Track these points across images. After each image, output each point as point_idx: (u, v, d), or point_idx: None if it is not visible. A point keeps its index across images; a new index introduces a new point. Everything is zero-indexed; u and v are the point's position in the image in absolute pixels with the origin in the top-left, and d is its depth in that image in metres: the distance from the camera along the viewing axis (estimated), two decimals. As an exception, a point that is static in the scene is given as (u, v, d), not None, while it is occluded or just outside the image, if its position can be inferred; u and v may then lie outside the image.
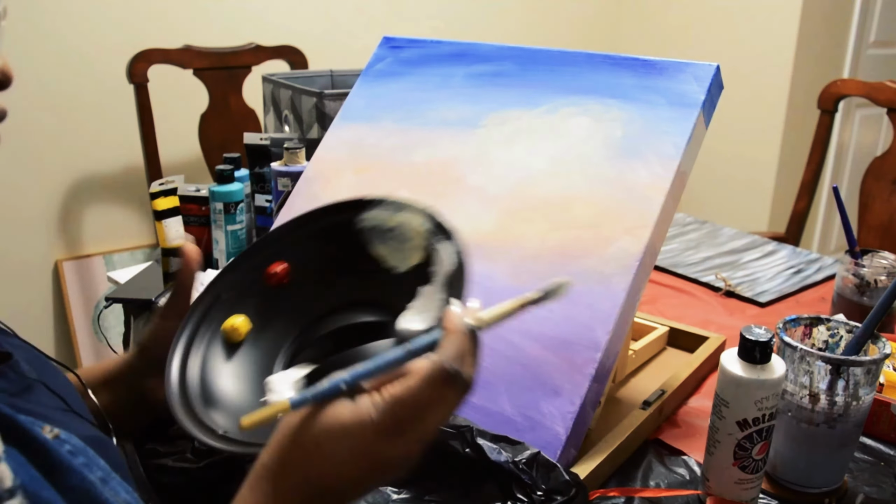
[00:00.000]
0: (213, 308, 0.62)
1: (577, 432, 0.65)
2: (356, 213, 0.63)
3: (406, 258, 0.60)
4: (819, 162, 1.72)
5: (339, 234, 0.63)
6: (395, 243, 0.61)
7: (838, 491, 0.67)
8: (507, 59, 0.89)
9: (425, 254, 0.59)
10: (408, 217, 0.61)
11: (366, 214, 0.62)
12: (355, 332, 0.61)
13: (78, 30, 1.90)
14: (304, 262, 0.63)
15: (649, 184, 0.73)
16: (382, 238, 0.62)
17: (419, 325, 0.53)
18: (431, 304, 0.55)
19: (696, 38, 2.81)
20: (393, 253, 0.61)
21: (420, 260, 0.59)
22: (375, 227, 0.62)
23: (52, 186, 1.97)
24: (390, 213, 0.62)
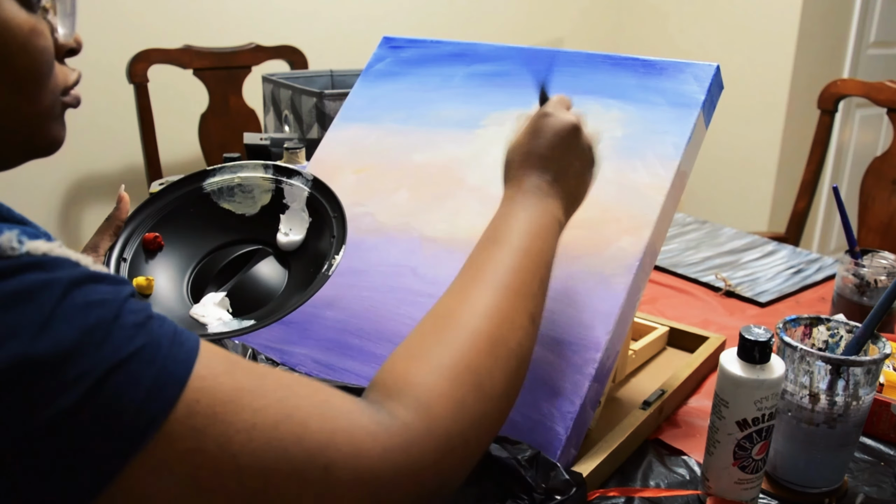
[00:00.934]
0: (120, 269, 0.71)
1: (577, 432, 0.65)
2: (202, 180, 0.76)
3: (255, 203, 0.76)
4: (819, 162, 1.72)
5: (192, 199, 0.76)
6: (241, 196, 0.77)
7: (838, 491, 0.67)
8: (506, 59, 0.89)
9: (272, 193, 0.76)
10: (247, 172, 0.76)
11: (210, 180, 0.76)
12: (238, 262, 0.74)
13: (78, 30, 1.90)
14: (172, 226, 0.75)
15: (649, 184, 0.73)
16: (230, 194, 0.76)
17: (296, 237, 0.73)
18: (296, 219, 0.74)
19: (696, 38, 2.81)
20: (241, 203, 0.77)
21: (268, 200, 0.76)
22: (221, 188, 0.76)
23: (52, 186, 1.97)
24: (231, 174, 0.77)
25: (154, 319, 0.37)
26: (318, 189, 0.74)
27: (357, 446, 0.39)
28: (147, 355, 0.35)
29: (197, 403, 0.35)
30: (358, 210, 0.85)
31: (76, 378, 0.32)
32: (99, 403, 0.33)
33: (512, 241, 0.54)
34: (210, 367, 0.37)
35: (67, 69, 0.49)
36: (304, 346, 0.79)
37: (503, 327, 0.48)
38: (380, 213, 0.84)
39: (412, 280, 0.77)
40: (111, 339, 0.34)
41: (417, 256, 0.79)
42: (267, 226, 0.75)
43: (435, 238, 0.79)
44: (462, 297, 0.50)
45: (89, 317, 0.34)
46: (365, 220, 0.84)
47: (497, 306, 0.49)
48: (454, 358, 0.45)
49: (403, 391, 0.43)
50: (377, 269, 0.80)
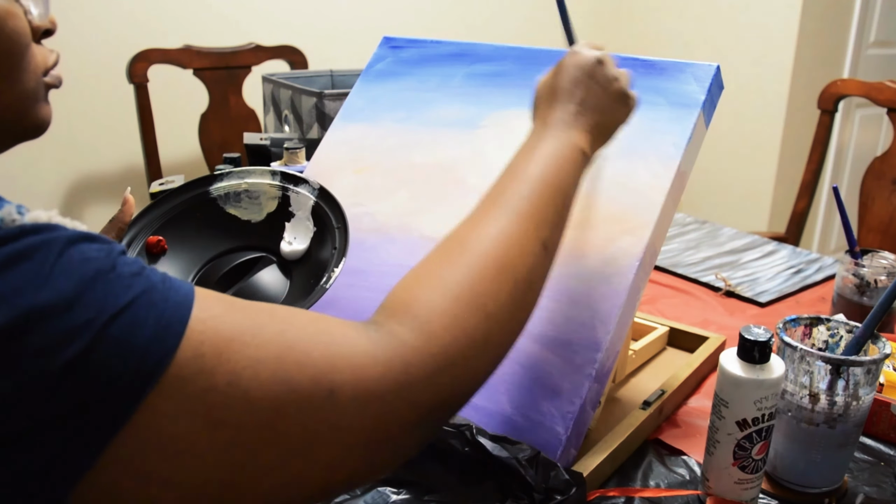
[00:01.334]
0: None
1: (577, 432, 0.65)
2: (209, 184, 0.77)
3: (261, 210, 0.76)
4: (819, 162, 1.72)
5: (199, 203, 0.76)
6: (248, 202, 0.77)
7: (838, 491, 0.67)
8: (506, 59, 0.89)
9: (278, 201, 0.76)
10: (255, 178, 0.76)
11: (217, 185, 0.77)
12: (241, 269, 0.74)
13: (78, 30, 1.90)
14: (177, 230, 0.75)
15: (649, 184, 0.73)
16: (237, 199, 0.77)
17: (300, 246, 0.72)
18: (301, 228, 0.73)
19: (696, 38, 2.81)
20: (247, 209, 0.77)
21: (274, 208, 0.76)
22: (228, 193, 0.77)
23: (52, 186, 1.97)
24: (238, 179, 0.77)
25: (147, 268, 0.38)
26: (324, 198, 0.73)
27: (358, 368, 0.40)
28: (147, 299, 0.36)
29: (202, 345, 0.37)
30: (358, 210, 0.85)
31: (83, 325, 0.33)
32: (108, 346, 0.34)
33: (529, 170, 0.54)
34: (209, 309, 0.38)
35: (46, 50, 0.50)
36: (304, 346, 0.79)
37: (511, 252, 0.49)
38: (380, 213, 0.84)
39: (412, 280, 0.77)
40: (111, 287, 0.35)
41: (417, 256, 0.78)
42: (272, 233, 0.75)
43: (435, 238, 0.79)
44: (473, 224, 0.51)
45: (87, 268, 0.35)
46: (365, 220, 0.84)
47: (507, 231, 0.50)
48: (457, 279, 0.46)
49: (404, 311, 0.45)
50: (377, 269, 0.80)
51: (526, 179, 0.54)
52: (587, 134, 0.60)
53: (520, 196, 0.52)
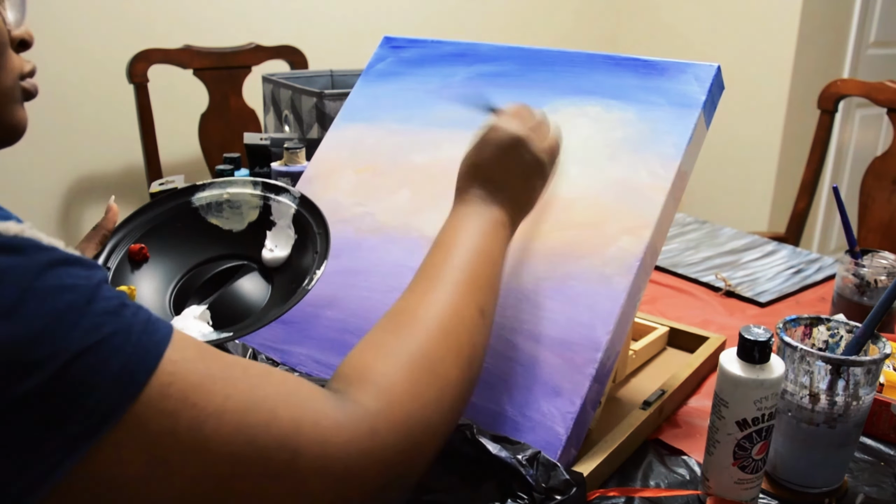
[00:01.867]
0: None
1: (578, 432, 0.65)
2: (191, 194, 0.78)
3: (242, 219, 0.77)
4: (819, 162, 1.72)
5: (181, 213, 0.77)
6: (230, 211, 0.78)
7: (838, 491, 0.67)
8: (507, 59, 0.89)
9: (259, 210, 0.77)
10: (236, 188, 0.77)
11: (199, 195, 0.78)
12: (222, 276, 0.75)
13: (78, 30, 1.90)
14: (159, 238, 0.76)
15: (650, 184, 0.73)
16: (219, 209, 0.77)
17: (281, 253, 0.74)
18: (282, 236, 0.74)
19: (696, 38, 2.81)
20: (229, 219, 0.78)
21: (255, 217, 0.77)
22: (210, 203, 0.77)
23: (52, 186, 1.97)
24: (220, 189, 0.78)
25: (127, 307, 0.38)
26: (305, 206, 0.74)
27: (323, 433, 0.41)
28: (117, 342, 0.35)
29: (170, 387, 0.36)
30: (358, 210, 0.85)
31: (45, 359, 0.33)
32: (67, 385, 0.33)
33: (459, 243, 0.59)
34: (182, 352, 0.38)
35: (23, 60, 0.52)
36: (304, 345, 0.79)
37: (454, 320, 0.52)
38: (380, 213, 0.84)
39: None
40: (82, 324, 0.35)
41: (417, 256, 0.79)
42: (253, 242, 0.76)
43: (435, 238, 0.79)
44: (415, 295, 0.54)
45: (61, 300, 0.34)
46: (365, 220, 0.84)
47: (447, 301, 0.53)
48: (409, 348, 0.49)
49: (364, 379, 0.46)
50: (377, 269, 0.80)
51: (458, 253, 0.58)
52: (505, 209, 0.63)
53: (454, 268, 0.56)
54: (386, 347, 0.49)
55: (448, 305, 0.53)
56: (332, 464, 0.40)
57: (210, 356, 0.40)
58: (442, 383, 0.48)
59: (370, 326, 0.75)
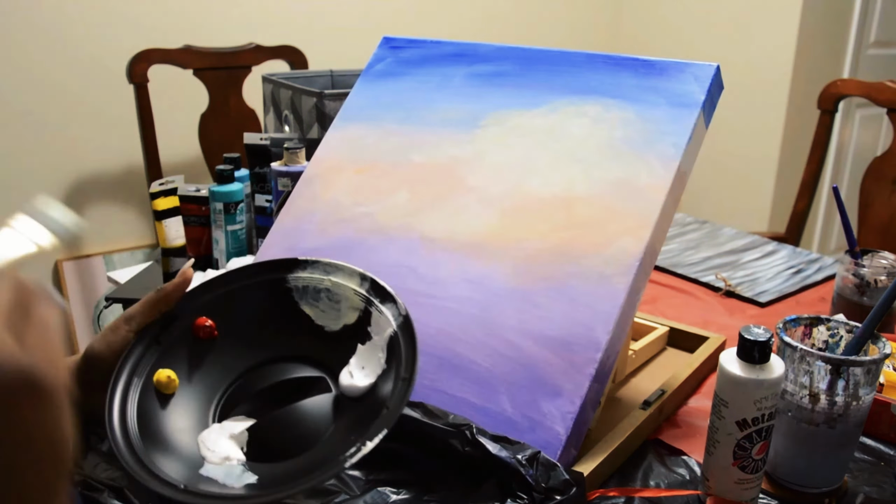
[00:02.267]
0: (145, 355, 0.61)
1: (578, 432, 0.65)
2: (288, 271, 0.65)
3: (339, 318, 0.63)
4: (819, 162, 1.72)
5: (270, 290, 0.65)
6: (327, 303, 0.64)
7: (838, 491, 0.67)
8: (507, 59, 0.89)
9: (359, 314, 0.62)
10: (341, 278, 0.64)
11: (298, 273, 0.65)
12: (289, 386, 0.61)
13: (78, 30, 1.90)
14: (235, 316, 0.64)
15: (649, 184, 0.73)
16: (315, 297, 0.64)
17: (362, 383, 0.58)
18: (371, 359, 0.60)
19: (696, 37, 2.81)
20: (325, 312, 0.64)
21: (353, 321, 0.63)
22: (307, 286, 0.65)
23: (52, 186, 1.97)
24: (322, 273, 0.65)
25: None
26: (405, 331, 0.59)
27: None
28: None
29: None
30: (358, 210, 0.85)
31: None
32: None
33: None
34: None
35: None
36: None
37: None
38: (380, 213, 0.84)
39: (412, 280, 0.77)
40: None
41: (417, 256, 0.79)
42: (339, 351, 0.61)
43: (435, 238, 0.79)
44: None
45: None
46: (365, 220, 0.84)
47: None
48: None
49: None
50: (377, 270, 0.80)
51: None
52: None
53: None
54: None
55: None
56: None
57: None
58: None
59: (370, 326, 0.75)
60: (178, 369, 0.61)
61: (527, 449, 0.60)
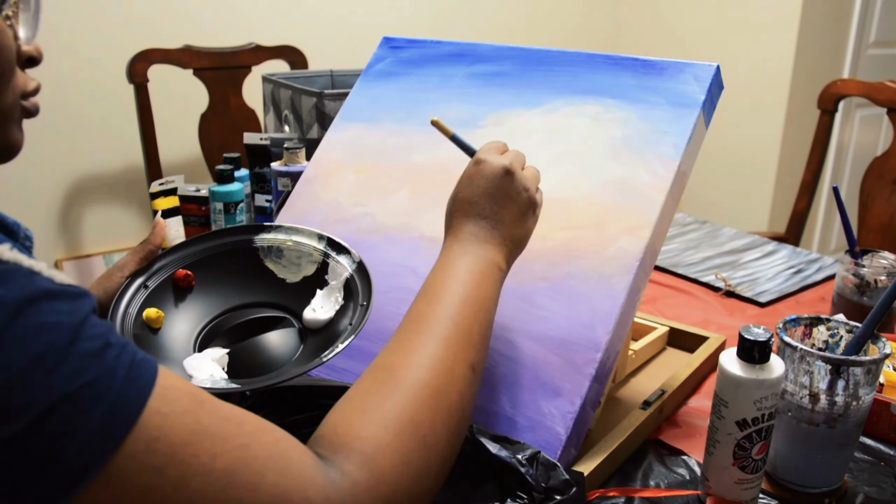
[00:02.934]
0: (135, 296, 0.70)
1: (578, 432, 0.65)
2: (255, 234, 0.76)
3: (299, 271, 0.74)
4: (819, 162, 1.72)
5: (239, 249, 0.75)
6: (288, 260, 0.75)
7: (838, 491, 0.67)
8: (507, 59, 0.89)
9: (317, 266, 0.73)
10: (301, 238, 0.75)
11: (263, 235, 0.76)
12: (258, 324, 0.72)
13: (78, 30, 1.90)
14: (210, 270, 0.74)
15: (649, 184, 0.73)
16: (278, 255, 0.75)
17: (323, 316, 0.69)
18: (330, 299, 0.71)
19: (696, 38, 2.81)
20: (286, 267, 0.75)
21: (312, 272, 0.73)
22: (272, 246, 0.75)
23: (52, 186, 1.97)
24: (285, 235, 0.75)
25: (111, 347, 0.36)
26: (360, 273, 0.70)
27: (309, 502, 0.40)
28: (98, 389, 0.34)
29: (157, 441, 0.35)
30: (358, 210, 0.85)
31: (21, 408, 0.31)
32: (42, 436, 0.32)
33: (450, 291, 0.55)
34: (173, 403, 0.37)
35: (28, 77, 0.50)
36: (304, 346, 0.79)
37: (444, 379, 0.49)
38: (380, 213, 0.84)
39: (412, 280, 0.77)
40: (61, 369, 0.33)
41: (417, 256, 0.79)
42: (302, 297, 0.72)
43: (435, 238, 0.79)
44: (402, 350, 0.51)
45: (40, 341, 0.33)
46: (365, 220, 0.84)
47: (437, 357, 0.50)
48: (397, 411, 0.46)
49: (350, 446, 0.44)
50: (377, 269, 0.80)
51: (448, 302, 0.54)
52: (501, 248, 0.60)
53: (444, 320, 0.53)
54: (371, 409, 0.46)
55: (438, 364, 0.50)
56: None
57: (203, 408, 0.39)
58: (430, 452, 0.46)
59: (370, 327, 0.76)
60: (163, 310, 0.70)
61: (527, 449, 0.60)
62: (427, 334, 0.51)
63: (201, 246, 0.74)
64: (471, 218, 0.60)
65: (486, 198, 0.60)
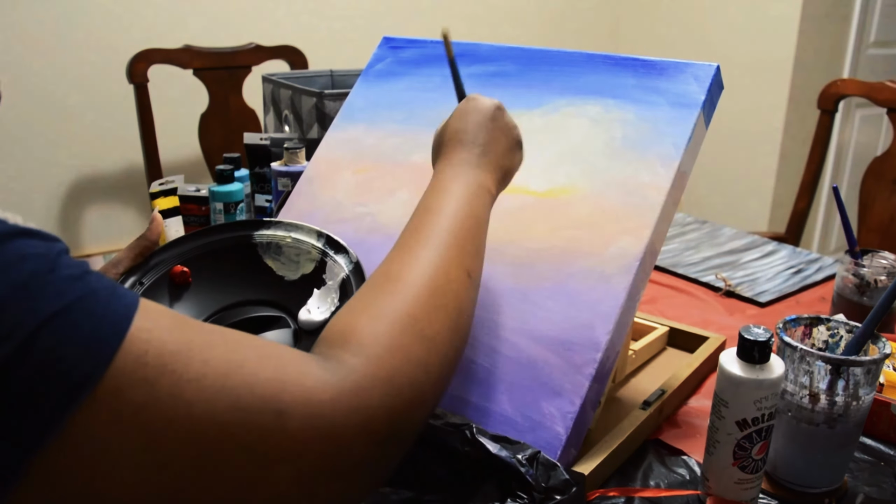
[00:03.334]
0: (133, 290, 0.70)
1: (578, 432, 0.65)
2: (254, 229, 0.74)
3: (297, 269, 0.73)
4: (819, 162, 1.72)
5: (238, 245, 0.74)
6: (287, 257, 0.74)
7: (838, 491, 0.67)
8: (506, 59, 0.89)
9: (315, 265, 0.72)
10: (300, 235, 0.74)
11: (263, 231, 0.74)
12: (254, 323, 0.71)
13: (78, 30, 1.90)
14: (207, 266, 0.73)
15: (649, 184, 0.73)
16: (277, 252, 0.74)
17: (318, 317, 0.68)
18: (326, 301, 0.70)
19: (696, 38, 2.81)
20: (284, 265, 0.74)
21: (310, 270, 0.72)
22: (270, 242, 0.74)
23: (52, 186, 1.97)
24: (285, 232, 0.74)
25: (91, 274, 0.37)
26: (357, 274, 0.71)
27: (308, 392, 0.40)
28: (85, 306, 0.35)
29: (146, 354, 0.35)
30: (358, 210, 0.85)
31: (10, 330, 0.32)
32: (35, 355, 0.32)
33: (444, 206, 0.58)
34: (156, 320, 0.37)
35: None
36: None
37: (440, 280, 0.51)
38: (380, 213, 0.84)
39: (412, 280, 0.77)
40: (45, 291, 0.34)
41: (417, 256, 0.79)
42: (299, 296, 0.71)
43: (435, 238, 0.79)
44: (399, 257, 0.53)
45: (21, 270, 0.34)
46: (365, 220, 0.84)
47: (433, 261, 0.52)
48: (394, 307, 0.48)
49: (349, 340, 0.45)
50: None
51: (444, 214, 0.57)
52: (491, 175, 0.63)
53: (440, 229, 0.55)
54: (371, 308, 0.48)
55: (435, 266, 0.52)
56: (318, 422, 0.39)
57: (185, 324, 0.39)
58: (428, 343, 0.47)
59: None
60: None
61: (527, 449, 0.60)
62: (423, 243, 0.54)
63: (199, 242, 0.73)
64: (464, 145, 0.63)
65: (478, 128, 0.64)
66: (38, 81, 1.88)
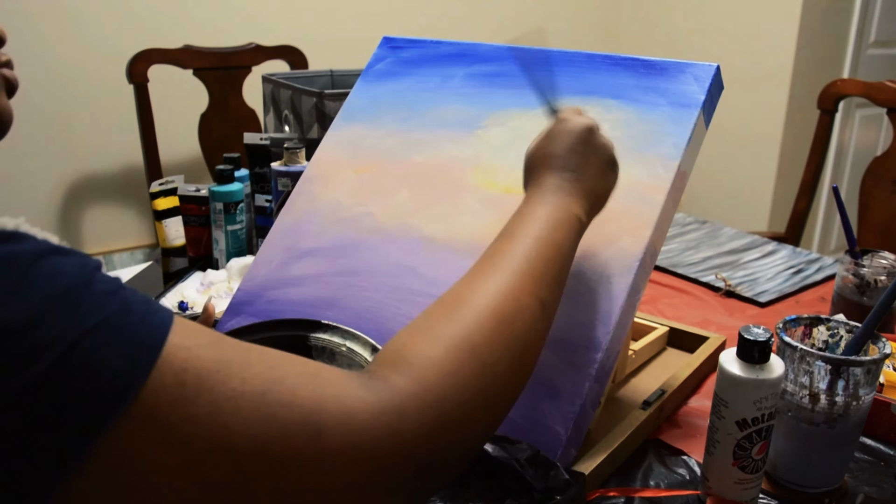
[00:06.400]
0: None
1: (578, 432, 0.65)
2: (311, 331, 0.72)
3: None
4: (819, 162, 1.72)
5: (293, 346, 0.71)
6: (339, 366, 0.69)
7: (838, 491, 0.67)
8: (506, 59, 0.89)
9: None
10: (355, 345, 0.71)
11: (319, 335, 0.72)
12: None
13: (78, 30, 1.90)
14: None
15: (649, 184, 0.73)
16: (331, 358, 0.71)
17: None
18: None
19: (696, 38, 2.81)
20: None
21: None
22: (325, 347, 0.71)
23: (52, 186, 1.97)
24: (340, 339, 0.71)
25: (125, 289, 0.37)
26: None
27: (347, 410, 0.39)
28: (120, 320, 0.35)
29: (185, 372, 0.35)
30: (358, 210, 0.85)
31: (47, 344, 0.32)
32: (72, 369, 0.32)
33: (526, 231, 0.55)
34: (193, 338, 0.37)
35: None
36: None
37: (509, 307, 0.48)
38: (380, 213, 0.84)
39: (412, 280, 0.77)
40: (82, 305, 0.34)
41: (417, 256, 0.79)
42: None
43: (435, 238, 0.79)
44: (471, 281, 0.51)
45: (57, 284, 0.34)
46: (365, 220, 0.84)
47: (505, 287, 0.50)
48: (454, 331, 0.46)
49: (401, 360, 0.43)
50: (377, 270, 0.80)
51: (523, 240, 0.54)
52: (583, 201, 0.60)
53: (517, 255, 0.53)
54: (430, 330, 0.46)
55: (505, 292, 0.49)
56: (357, 442, 0.38)
57: (224, 342, 0.39)
58: (487, 373, 0.45)
59: (371, 327, 0.76)
60: None
61: (526, 449, 0.60)
62: (498, 267, 0.51)
63: (254, 336, 0.71)
64: (554, 171, 0.61)
65: (569, 152, 0.62)
66: (38, 81, 1.88)
